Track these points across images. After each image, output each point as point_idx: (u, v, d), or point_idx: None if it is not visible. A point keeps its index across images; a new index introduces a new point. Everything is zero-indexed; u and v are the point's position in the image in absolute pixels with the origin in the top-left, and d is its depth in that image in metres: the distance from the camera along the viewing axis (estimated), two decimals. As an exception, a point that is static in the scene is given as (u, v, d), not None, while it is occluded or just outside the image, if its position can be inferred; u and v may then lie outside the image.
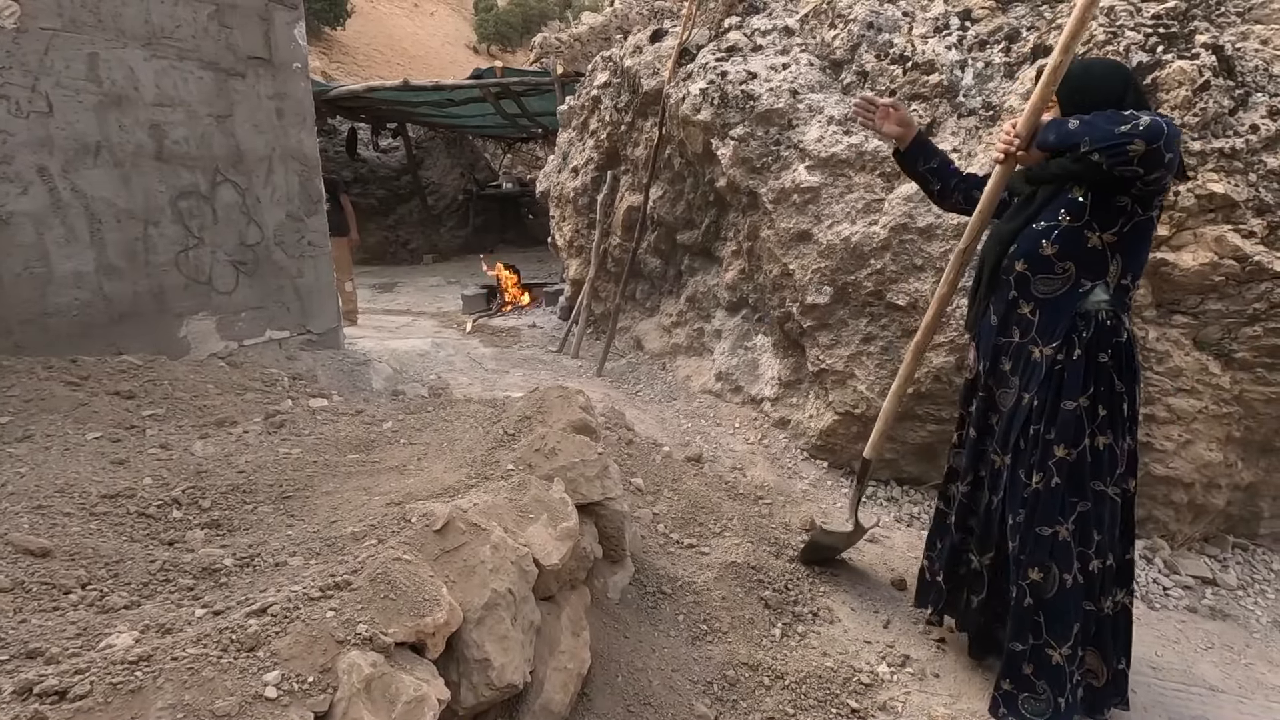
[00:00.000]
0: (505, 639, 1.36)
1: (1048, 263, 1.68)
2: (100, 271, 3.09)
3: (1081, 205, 1.64)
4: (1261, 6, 3.08)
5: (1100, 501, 1.73)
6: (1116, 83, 1.72)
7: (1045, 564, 1.72)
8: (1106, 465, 1.71)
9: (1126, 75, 1.77)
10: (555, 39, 10.60)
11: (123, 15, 3.10)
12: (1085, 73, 1.76)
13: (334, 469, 2.10)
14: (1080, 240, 1.64)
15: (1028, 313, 1.75)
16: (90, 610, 1.28)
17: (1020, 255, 1.73)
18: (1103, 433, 1.70)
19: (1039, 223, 1.71)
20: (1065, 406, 1.68)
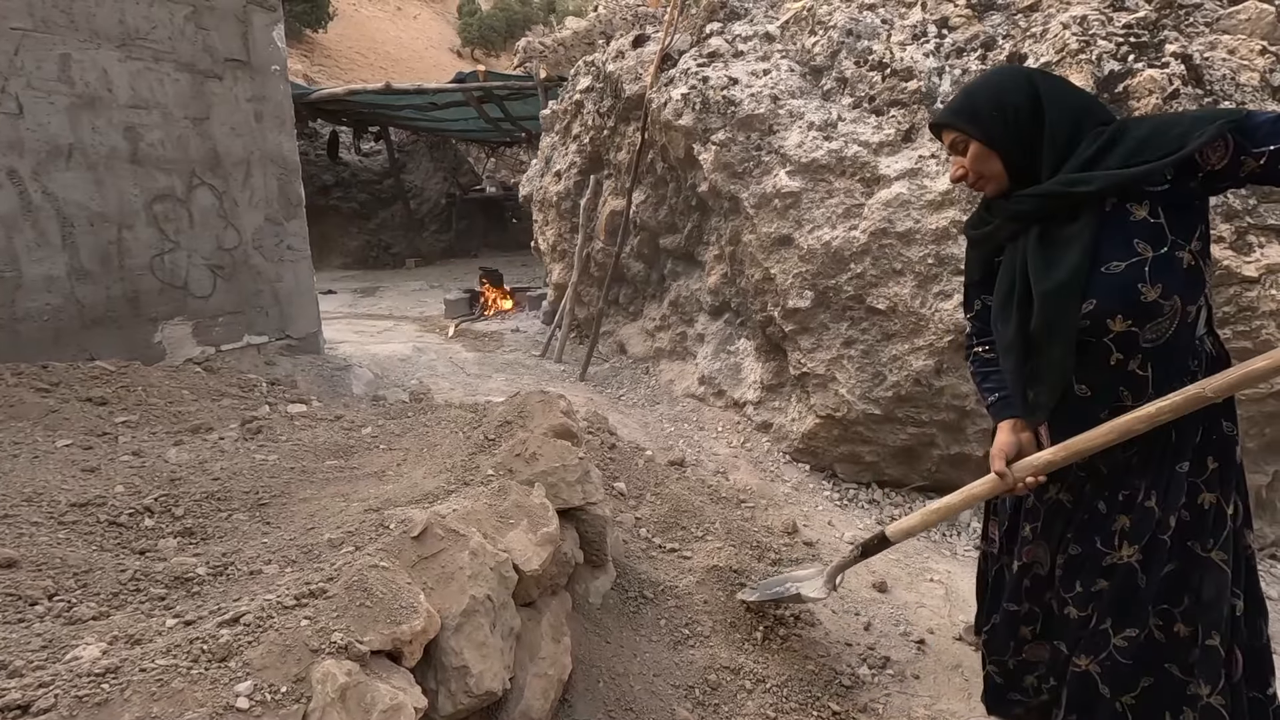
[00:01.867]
0: (484, 646, 1.34)
1: (1154, 307, 1.25)
2: (72, 276, 3.03)
3: (1157, 226, 1.25)
4: (1229, 17, 3.15)
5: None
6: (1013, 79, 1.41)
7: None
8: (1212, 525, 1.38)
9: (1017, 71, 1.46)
10: (539, 43, 10.61)
11: (96, 16, 3.05)
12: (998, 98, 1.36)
13: (312, 475, 2.08)
14: (1175, 265, 1.25)
15: (1136, 369, 1.31)
16: (57, 621, 1.25)
17: (1113, 311, 1.26)
18: (1210, 489, 1.37)
19: (1110, 265, 1.26)
20: (1179, 469, 1.35)
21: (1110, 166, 1.25)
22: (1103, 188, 1.25)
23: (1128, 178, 1.23)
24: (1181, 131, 1.21)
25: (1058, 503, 1.49)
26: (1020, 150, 1.35)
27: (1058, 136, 1.31)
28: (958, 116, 1.40)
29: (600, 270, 5.43)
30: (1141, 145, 1.24)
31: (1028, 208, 1.35)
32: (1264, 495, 3.23)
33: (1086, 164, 1.28)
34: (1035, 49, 3.22)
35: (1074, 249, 1.28)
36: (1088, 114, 1.33)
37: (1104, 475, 1.41)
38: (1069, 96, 1.35)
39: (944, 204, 3.18)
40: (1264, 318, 2.79)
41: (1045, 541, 1.52)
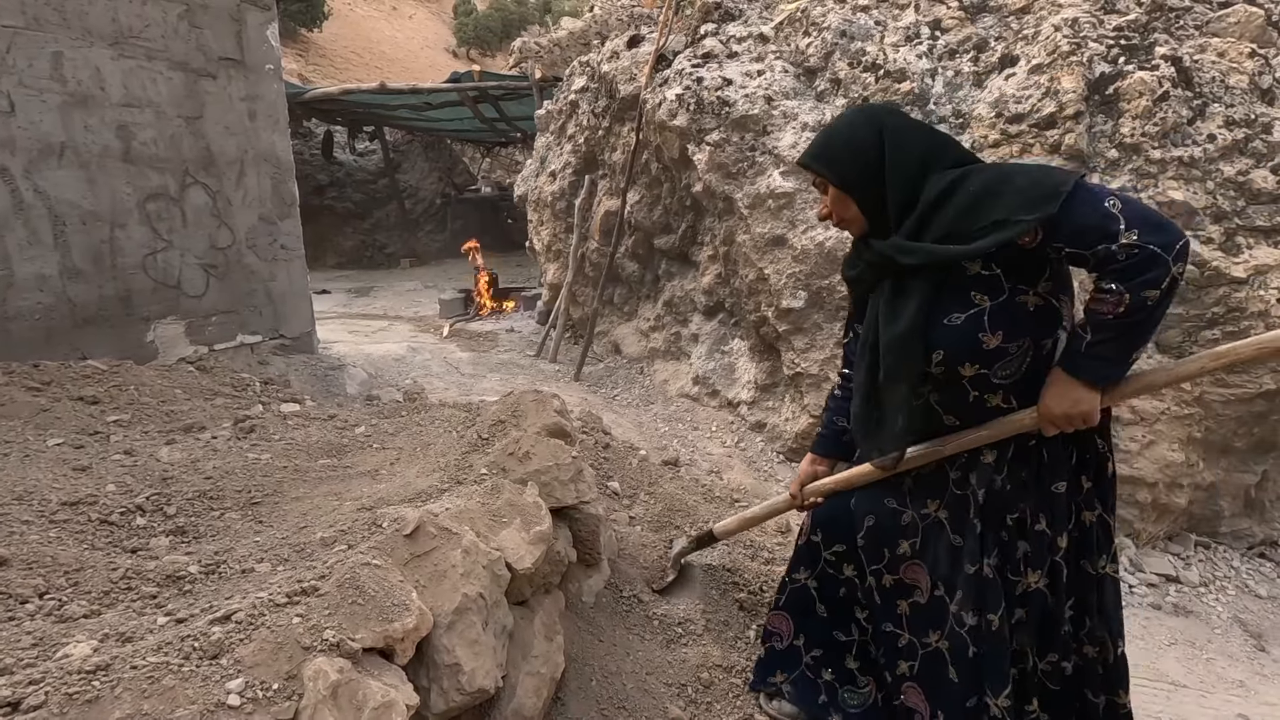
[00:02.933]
0: (476, 644, 1.35)
1: (1000, 351, 1.29)
2: (64, 275, 3.02)
3: (993, 278, 1.28)
4: (1218, 20, 3.18)
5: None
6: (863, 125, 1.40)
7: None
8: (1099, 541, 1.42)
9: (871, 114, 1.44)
10: (534, 43, 10.61)
11: (89, 14, 3.04)
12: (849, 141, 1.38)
13: (305, 474, 2.08)
14: (1018, 310, 1.28)
15: (1000, 402, 1.35)
16: (48, 620, 1.24)
17: (961, 359, 1.31)
18: (1089, 507, 1.41)
19: (952, 317, 1.30)
20: (1055, 489, 1.38)
21: (940, 225, 1.29)
22: (921, 264, 1.31)
23: (944, 257, 1.28)
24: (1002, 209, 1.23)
25: (937, 522, 1.48)
26: (872, 195, 1.38)
27: (901, 184, 1.34)
28: (816, 159, 1.42)
29: (595, 270, 5.43)
30: (970, 208, 1.26)
31: (874, 263, 1.40)
32: (1252, 494, 3.26)
33: (926, 213, 1.31)
34: (1027, 51, 3.24)
35: (912, 304, 1.34)
36: (933, 157, 1.34)
37: (982, 497, 1.41)
38: (912, 139, 1.36)
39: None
40: (1252, 318, 2.82)
41: (922, 562, 1.50)
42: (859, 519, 1.59)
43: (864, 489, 1.59)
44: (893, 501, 1.54)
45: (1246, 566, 3.19)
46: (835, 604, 1.68)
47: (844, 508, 1.63)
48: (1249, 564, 3.21)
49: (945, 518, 1.47)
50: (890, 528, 1.54)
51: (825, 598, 1.69)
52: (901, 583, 1.54)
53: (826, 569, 1.67)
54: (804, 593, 1.71)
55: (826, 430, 1.71)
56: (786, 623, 1.75)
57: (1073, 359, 1.27)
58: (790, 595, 1.74)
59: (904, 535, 1.52)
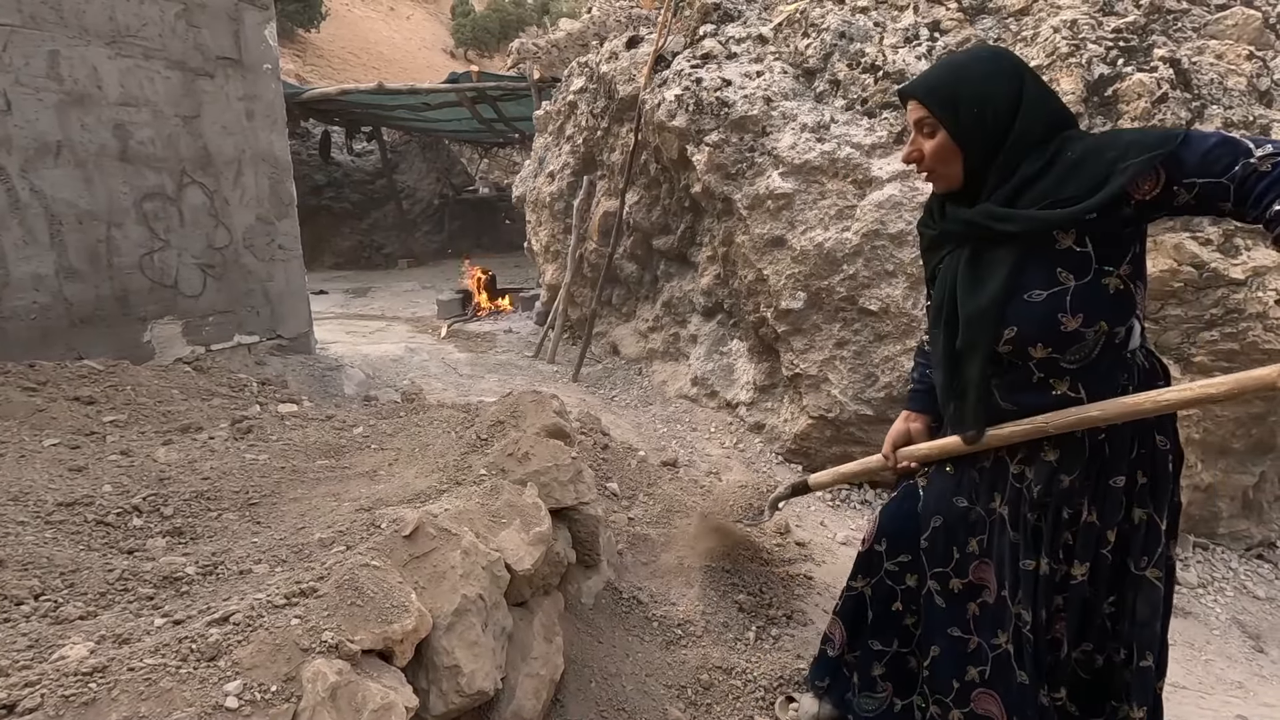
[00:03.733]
0: (476, 645, 1.34)
1: (1075, 335, 1.23)
2: (60, 274, 3.01)
3: (1083, 255, 1.21)
4: (1216, 23, 3.19)
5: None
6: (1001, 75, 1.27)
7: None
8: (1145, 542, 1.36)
9: (1003, 59, 1.30)
10: (532, 44, 10.60)
11: (86, 12, 3.03)
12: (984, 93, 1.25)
13: (302, 475, 2.07)
14: (1100, 293, 1.22)
15: (1067, 390, 1.29)
16: (43, 621, 1.23)
17: (1033, 339, 1.25)
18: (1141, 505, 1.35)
19: (1033, 293, 1.24)
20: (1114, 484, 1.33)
21: (1042, 191, 1.21)
22: (1021, 231, 1.23)
23: (1049, 222, 1.20)
24: (1114, 158, 1.16)
25: (1000, 518, 1.42)
26: (984, 156, 1.27)
27: (1017, 151, 1.24)
28: (935, 97, 1.28)
29: (593, 271, 5.43)
30: (1072, 170, 1.19)
31: (957, 230, 1.33)
32: (1250, 495, 3.27)
33: (1022, 184, 1.24)
34: (1026, 52, 3.24)
35: (997, 275, 1.26)
36: (1054, 124, 1.26)
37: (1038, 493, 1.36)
38: (1047, 108, 1.26)
39: (936, 206, 3.20)
40: (1250, 319, 2.82)
41: (990, 561, 1.44)
42: (924, 521, 1.53)
43: (932, 488, 1.54)
44: (962, 500, 1.48)
45: (1245, 568, 3.19)
46: (884, 613, 1.64)
47: (911, 517, 1.57)
48: (1247, 565, 3.22)
49: (1006, 514, 1.41)
50: (958, 528, 1.49)
51: (876, 605, 1.64)
52: (971, 585, 1.48)
53: (885, 580, 1.62)
54: (859, 600, 1.67)
55: (920, 385, 1.62)
56: (840, 630, 1.72)
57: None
58: (846, 602, 1.70)
59: (972, 533, 1.47)
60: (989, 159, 1.26)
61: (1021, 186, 1.23)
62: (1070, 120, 1.28)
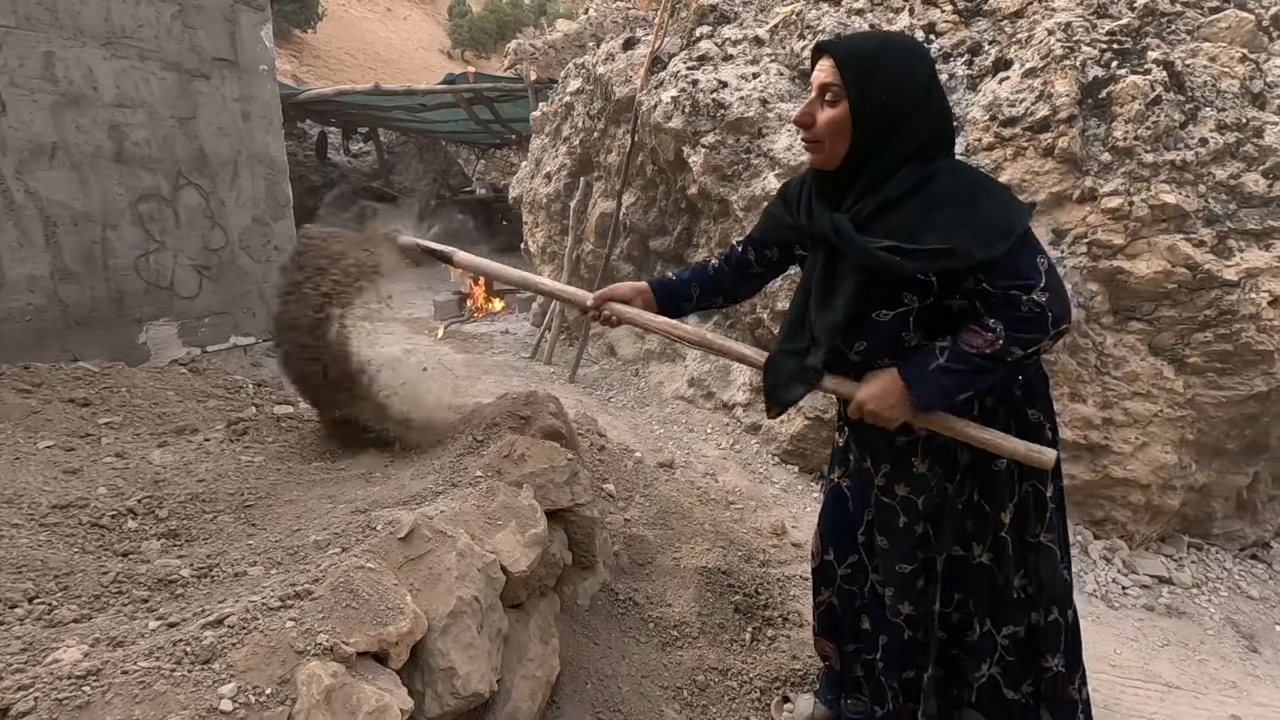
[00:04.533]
0: (471, 647, 1.34)
1: (919, 347, 1.30)
2: (56, 276, 3.00)
3: (927, 283, 1.26)
4: (1210, 25, 3.21)
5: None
6: (919, 70, 1.26)
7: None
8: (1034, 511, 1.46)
9: (926, 57, 1.31)
10: (530, 45, 10.60)
11: (81, 14, 3.02)
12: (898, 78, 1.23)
13: (298, 477, 2.07)
14: (943, 313, 1.29)
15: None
16: (37, 624, 1.23)
17: (880, 353, 1.32)
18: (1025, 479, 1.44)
19: (880, 313, 1.29)
20: (995, 467, 1.41)
21: (895, 223, 1.23)
22: (858, 264, 1.26)
23: (884, 269, 1.23)
24: (960, 230, 1.19)
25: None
26: (871, 145, 1.24)
27: (896, 154, 1.23)
28: (853, 67, 1.22)
29: (590, 272, 5.43)
30: (923, 217, 1.22)
31: (815, 233, 1.34)
32: (1244, 496, 3.28)
33: (882, 207, 1.25)
34: (1020, 55, 3.26)
35: (844, 292, 1.31)
36: (936, 143, 1.26)
37: (923, 505, 1.44)
38: (939, 120, 1.27)
39: (931, 207, 3.21)
40: (1244, 320, 2.84)
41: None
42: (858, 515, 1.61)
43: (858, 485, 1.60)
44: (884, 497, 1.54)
45: (1238, 568, 3.20)
46: (852, 615, 1.68)
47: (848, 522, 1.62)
48: (1241, 565, 3.23)
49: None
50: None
51: (845, 611, 1.69)
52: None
53: (843, 584, 1.67)
54: (831, 612, 1.71)
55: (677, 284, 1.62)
56: (828, 645, 1.76)
57: (915, 370, 1.27)
58: (820, 619, 1.75)
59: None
60: (873, 151, 1.24)
61: (881, 209, 1.25)
62: (949, 145, 1.31)
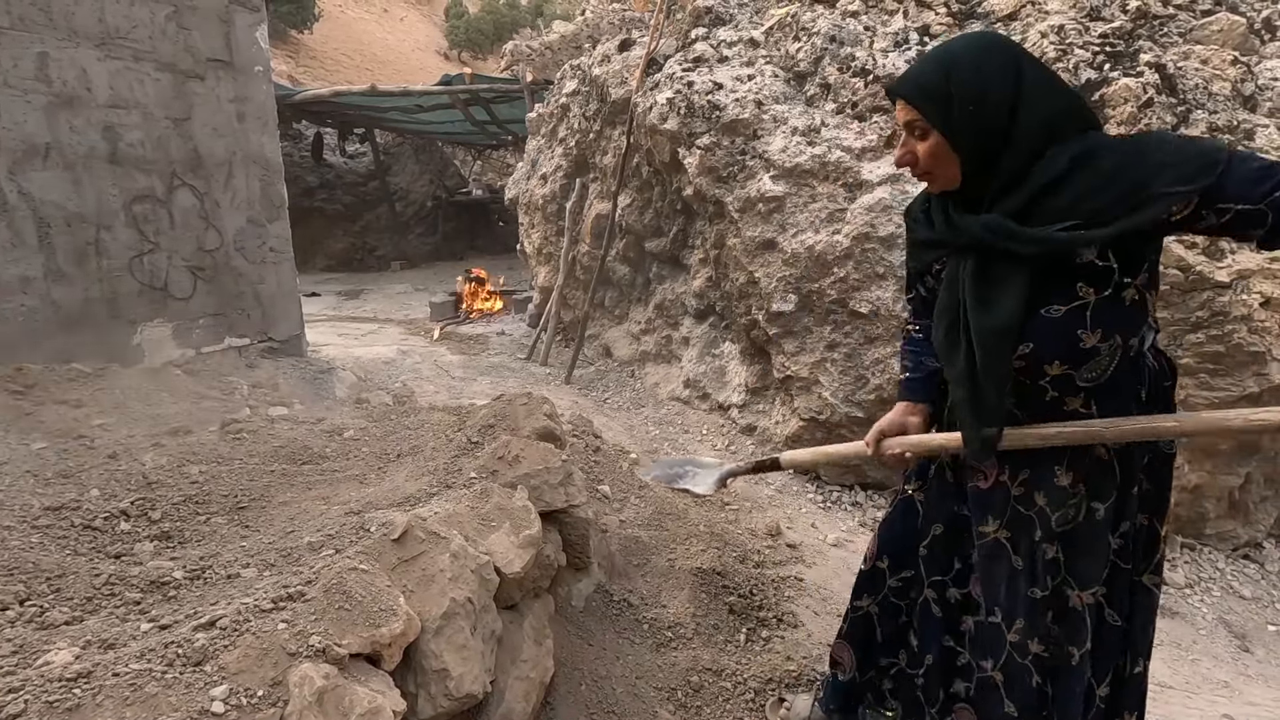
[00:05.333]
0: (464, 648, 1.34)
1: (1093, 352, 1.17)
2: (49, 277, 2.99)
3: (1106, 269, 1.13)
4: (1201, 28, 3.23)
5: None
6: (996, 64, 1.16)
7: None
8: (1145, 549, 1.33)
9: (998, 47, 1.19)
10: (526, 46, 10.61)
11: (75, 14, 3.02)
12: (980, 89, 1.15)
13: (292, 478, 2.06)
14: (1118, 305, 1.15)
15: (1079, 406, 1.23)
16: (29, 627, 1.23)
17: (1049, 357, 1.18)
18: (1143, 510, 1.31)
19: (1052, 309, 1.16)
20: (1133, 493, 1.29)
21: (1061, 205, 1.11)
22: (1036, 254, 1.13)
23: (1072, 245, 1.10)
24: (1144, 178, 1.07)
25: (996, 542, 1.34)
26: (984, 156, 1.16)
27: (1022, 148, 1.14)
28: (925, 95, 1.17)
29: (586, 273, 5.43)
30: (1099, 186, 1.09)
31: (963, 243, 1.21)
32: (1237, 496, 3.30)
33: (1037, 194, 1.13)
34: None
35: (1011, 291, 1.16)
36: (1066, 119, 1.15)
37: (1056, 521, 1.28)
38: (1052, 98, 1.15)
39: (925, 209, 3.22)
40: (1235, 322, 2.85)
41: (985, 583, 1.38)
42: (925, 529, 1.48)
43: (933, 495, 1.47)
44: (965, 509, 1.41)
45: (1231, 568, 3.22)
46: (894, 630, 1.58)
47: (912, 533, 1.51)
48: (1233, 565, 3.25)
49: (1005, 539, 1.33)
50: (964, 537, 1.42)
51: (885, 623, 1.59)
52: (970, 598, 1.42)
53: (891, 597, 1.56)
54: (866, 621, 1.60)
55: (916, 372, 1.47)
56: (849, 653, 1.64)
57: None
58: (852, 624, 1.63)
59: (972, 545, 1.41)
60: (990, 159, 1.16)
61: (1037, 197, 1.13)
62: (1090, 119, 1.18)
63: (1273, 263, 2.85)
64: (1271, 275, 2.84)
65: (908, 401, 1.47)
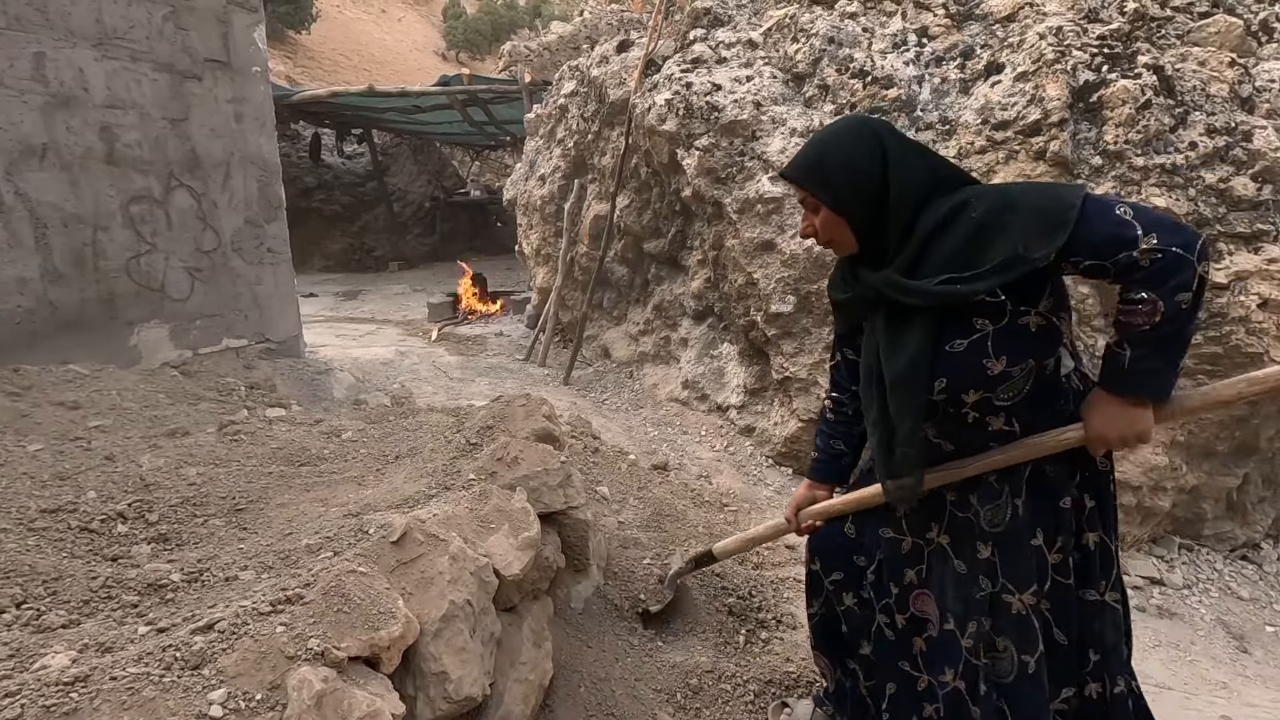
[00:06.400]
0: (464, 651, 1.34)
1: (1003, 375, 1.24)
2: (45, 278, 2.98)
3: (998, 304, 1.22)
4: (1199, 30, 3.23)
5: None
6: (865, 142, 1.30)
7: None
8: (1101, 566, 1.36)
9: (867, 128, 1.34)
10: (524, 47, 10.62)
11: (72, 14, 3.01)
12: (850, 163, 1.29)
13: (290, 480, 2.06)
14: (1021, 333, 1.23)
15: (1002, 425, 1.30)
16: (25, 630, 1.22)
17: (964, 386, 1.26)
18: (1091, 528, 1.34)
19: (954, 344, 1.24)
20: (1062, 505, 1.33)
21: (945, 254, 1.22)
22: (925, 305, 1.24)
23: (952, 298, 1.21)
24: (1008, 240, 1.17)
25: (939, 548, 1.40)
26: (869, 220, 1.30)
27: (903, 209, 1.27)
28: (809, 177, 1.33)
29: (584, 274, 5.43)
30: (974, 238, 1.20)
31: (869, 296, 1.33)
32: (1234, 497, 3.30)
33: (923, 246, 1.25)
34: (1012, 59, 3.28)
35: (915, 334, 1.27)
36: (937, 180, 1.28)
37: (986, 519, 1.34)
38: (915, 162, 1.29)
39: (924, 210, 3.22)
40: (1233, 323, 2.86)
41: (929, 591, 1.42)
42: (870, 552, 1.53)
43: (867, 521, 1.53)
44: (889, 531, 1.47)
45: (1229, 569, 3.22)
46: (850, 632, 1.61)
47: (839, 533, 1.58)
48: (1231, 566, 3.25)
49: (947, 543, 1.39)
50: (894, 560, 1.47)
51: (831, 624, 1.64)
52: (914, 618, 1.45)
53: (830, 599, 1.61)
54: (823, 624, 1.65)
55: (823, 455, 1.64)
56: (825, 661, 1.69)
57: (1118, 379, 1.20)
58: (815, 631, 1.68)
59: (908, 564, 1.45)
60: (877, 222, 1.30)
61: (923, 249, 1.25)
62: (962, 177, 1.31)
63: (1270, 264, 2.85)
64: (1269, 276, 2.85)
65: (811, 480, 1.65)
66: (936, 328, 1.26)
